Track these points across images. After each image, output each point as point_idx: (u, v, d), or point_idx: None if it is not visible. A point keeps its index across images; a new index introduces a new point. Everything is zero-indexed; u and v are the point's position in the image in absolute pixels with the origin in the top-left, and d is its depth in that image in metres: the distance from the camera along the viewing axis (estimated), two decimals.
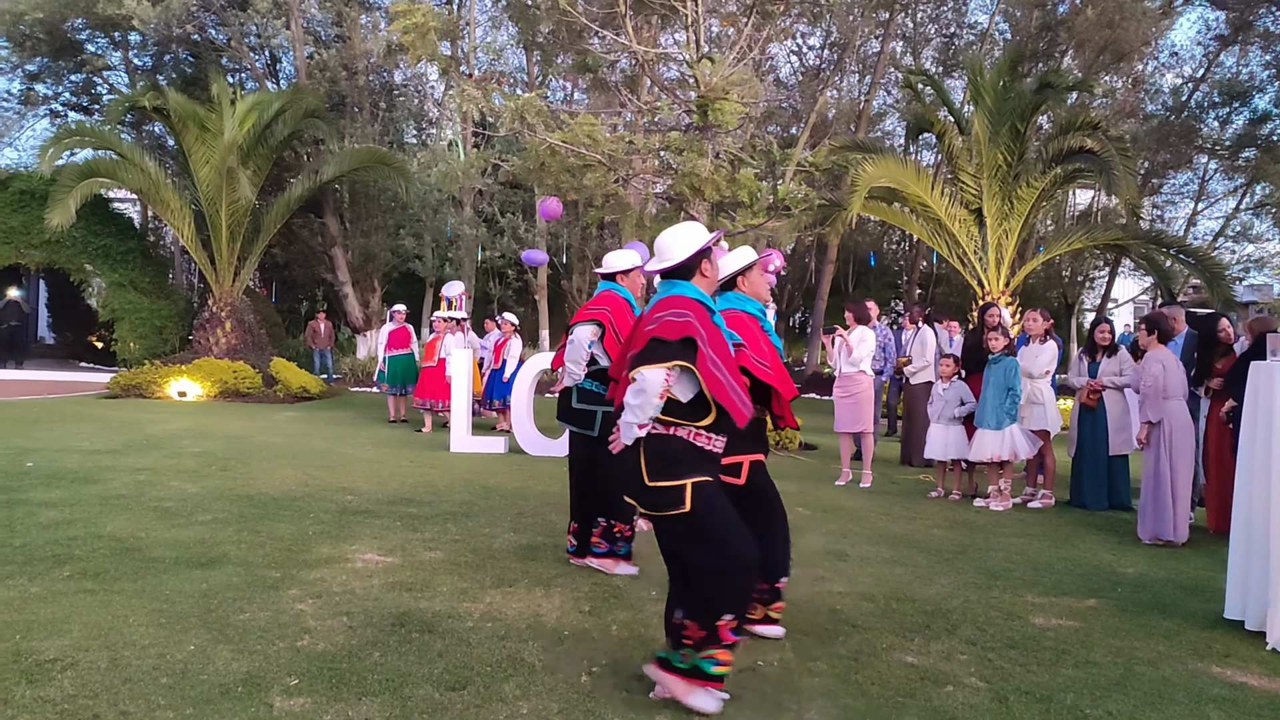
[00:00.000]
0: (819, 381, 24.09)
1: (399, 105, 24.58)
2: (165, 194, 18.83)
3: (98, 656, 3.88)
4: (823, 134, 24.27)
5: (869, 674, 3.96)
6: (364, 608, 4.65)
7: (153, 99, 18.42)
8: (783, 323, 35.12)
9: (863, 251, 31.07)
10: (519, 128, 11.00)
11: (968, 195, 16.89)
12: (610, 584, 5.21)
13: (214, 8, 21.16)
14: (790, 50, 27.93)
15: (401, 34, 11.34)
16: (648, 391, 3.49)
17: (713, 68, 11.82)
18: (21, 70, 23.99)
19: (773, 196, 11.86)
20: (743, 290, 4.62)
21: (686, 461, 3.58)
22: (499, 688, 3.71)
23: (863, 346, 9.15)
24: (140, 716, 3.35)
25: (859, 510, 7.87)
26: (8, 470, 8.18)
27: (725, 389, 3.55)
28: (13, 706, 3.38)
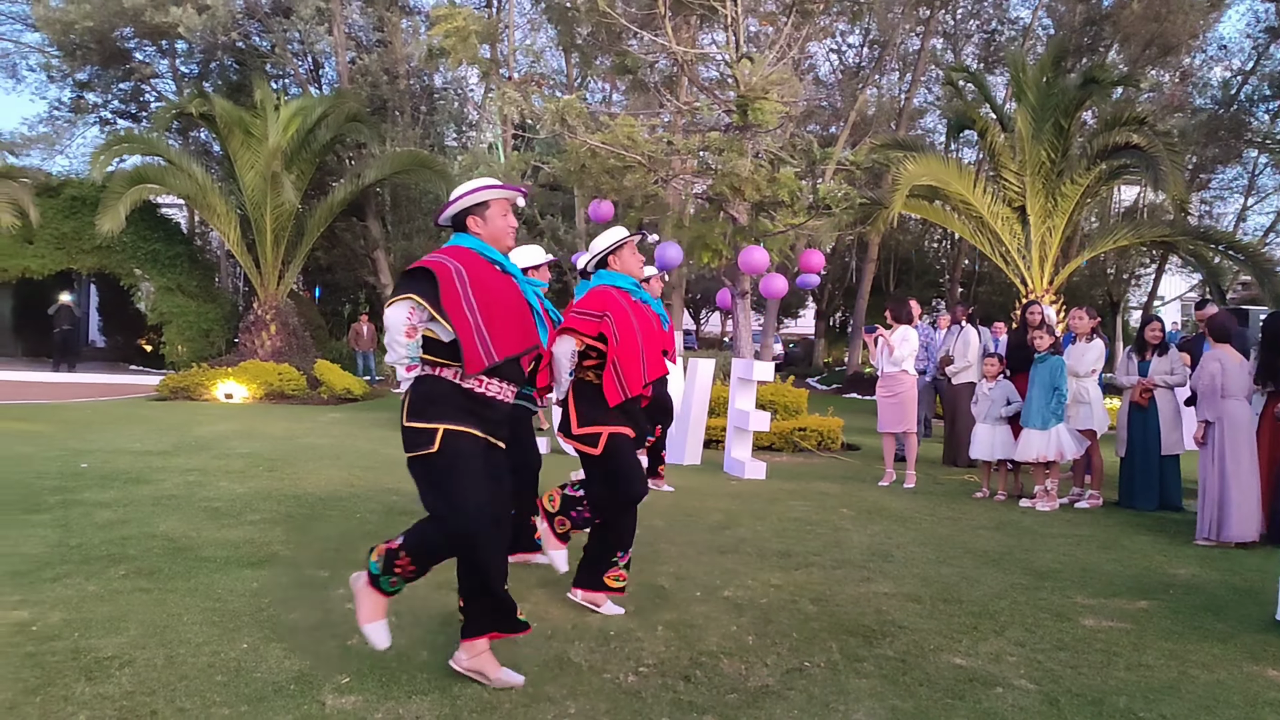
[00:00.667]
0: (860, 381, 23.97)
1: (439, 109, 24.78)
2: (211, 199, 19.13)
3: (154, 654, 3.95)
4: (863, 132, 24.15)
5: (917, 675, 3.94)
6: (411, 607, 4.69)
7: (199, 106, 18.73)
8: (823, 322, 35.02)
9: (904, 250, 30.91)
10: (560, 130, 11.04)
11: (1010, 193, 16.73)
12: (655, 584, 5.22)
13: (258, 15, 21.45)
14: (829, 49, 27.82)
15: (443, 38, 11.44)
16: (390, 329, 3.50)
17: (752, 67, 11.79)
18: (72, 79, 24.50)
19: (813, 195, 11.81)
20: (614, 268, 4.83)
21: (445, 406, 3.56)
22: (546, 688, 3.73)
23: (905, 346, 9.09)
24: (196, 713, 3.41)
25: (903, 511, 7.82)
26: (63, 471, 8.34)
27: (470, 329, 3.49)
28: (73, 703, 3.45)
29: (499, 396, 3.66)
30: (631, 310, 4.66)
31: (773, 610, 4.81)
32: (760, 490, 8.70)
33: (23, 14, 23.48)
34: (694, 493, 8.38)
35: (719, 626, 4.52)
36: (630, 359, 4.54)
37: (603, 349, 4.50)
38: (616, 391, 4.50)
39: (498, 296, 3.63)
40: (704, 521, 7.10)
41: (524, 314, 3.73)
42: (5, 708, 3.38)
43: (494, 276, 3.68)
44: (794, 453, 11.53)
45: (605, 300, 4.58)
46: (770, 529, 6.89)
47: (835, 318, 38.10)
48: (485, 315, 3.54)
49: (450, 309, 3.47)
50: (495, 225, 3.77)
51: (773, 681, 3.84)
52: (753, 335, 13.15)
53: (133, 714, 3.38)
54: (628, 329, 4.55)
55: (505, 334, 3.59)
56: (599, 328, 4.46)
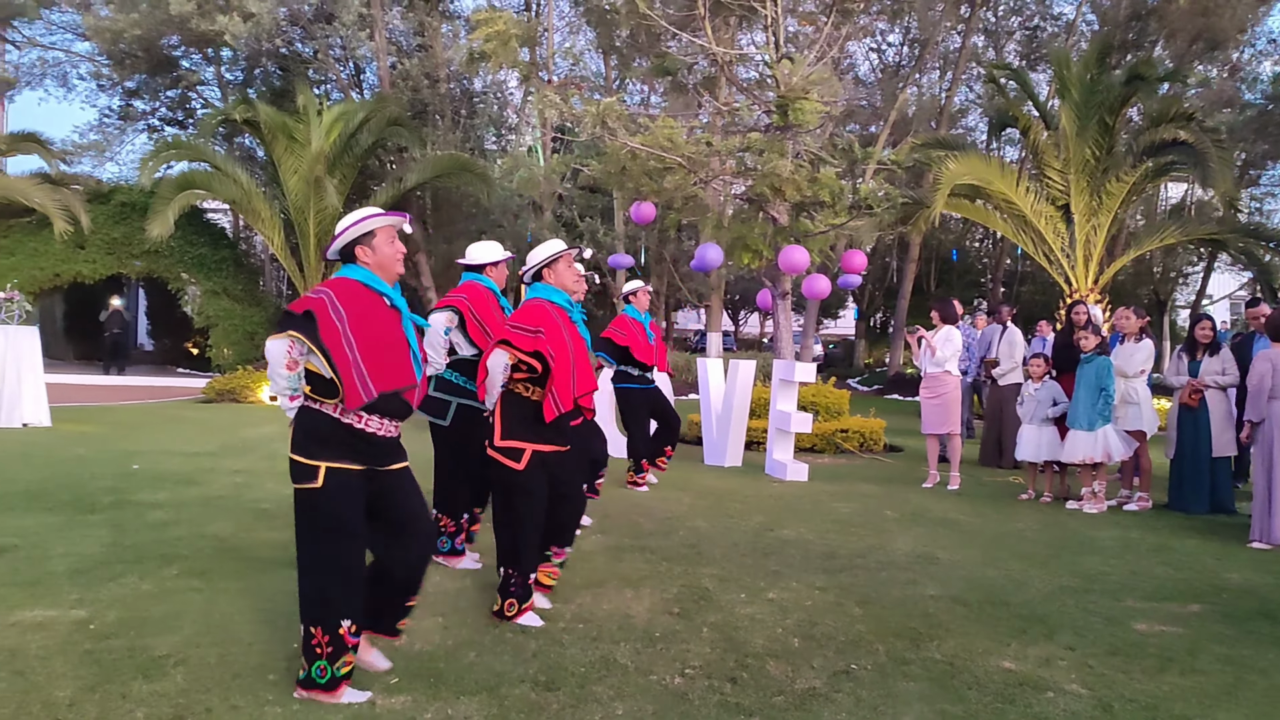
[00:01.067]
0: (901, 382, 23.79)
1: (479, 112, 24.93)
2: (256, 203, 19.39)
3: (207, 652, 4.01)
4: (903, 131, 23.97)
5: (966, 678, 3.91)
6: (458, 608, 4.74)
7: (244, 112, 19.00)
8: (863, 322, 34.79)
9: (945, 250, 30.60)
10: (600, 132, 11.06)
11: (1054, 191, 16.54)
12: (700, 586, 5.22)
13: (301, 22, 21.70)
14: (869, 48, 27.66)
15: (484, 42, 11.49)
16: (271, 362, 3.60)
17: (792, 67, 11.75)
18: (121, 87, 24.91)
19: (854, 195, 11.74)
20: (549, 281, 4.79)
21: (326, 442, 3.61)
22: (593, 688, 3.74)
23: (948, 346, 9.02)
24: (250, 711, 3.46)
25: (947, 513, 7.76)
26: (116, 472, 8.50)
27: (349, 366, 3.54)
28: (130, 700, 3.52)
29: (380, 432, 3.70)
30: (564, 326, 4.68)
31: (818, 612, 4.79)
32: (802, 492, 8.67)
33: (73, 24, 23.92)
34: (736, 495, 8.37)
35: (764, 628, 4.52)
36: (562, 376, 4.56)
37: (535, 365, 4.51)
38: (552, 408, 4.53)
39: (378, 332, 3.67)
40: (746, 524, 7.08)
41: (402, 349, 3.75)
42: (65, 705, 3.46)
43: (377, 311, 3.72)
44: (836, 454, 11.47)
45: (541, 316, 4.59)
46: (813, 531, 6.86)
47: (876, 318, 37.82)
48: (364, 351, 3.59)
49: (330, 346, 3.53)
50: (383, 254, 3.80)
51: (820, 684, 3.83)
52: (793, 336, 13.10)
53: (188, 711, 3.44)
54: (560, 346, 4.57)
55: (383, 370, 3.64)
56: (535, 344, 4.48)
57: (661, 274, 25.90)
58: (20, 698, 3.50)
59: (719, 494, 8.38)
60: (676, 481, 9.00)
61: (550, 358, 4.48)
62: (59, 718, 3.36)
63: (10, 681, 3.65)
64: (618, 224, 22.43)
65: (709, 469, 10.07)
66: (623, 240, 22.51)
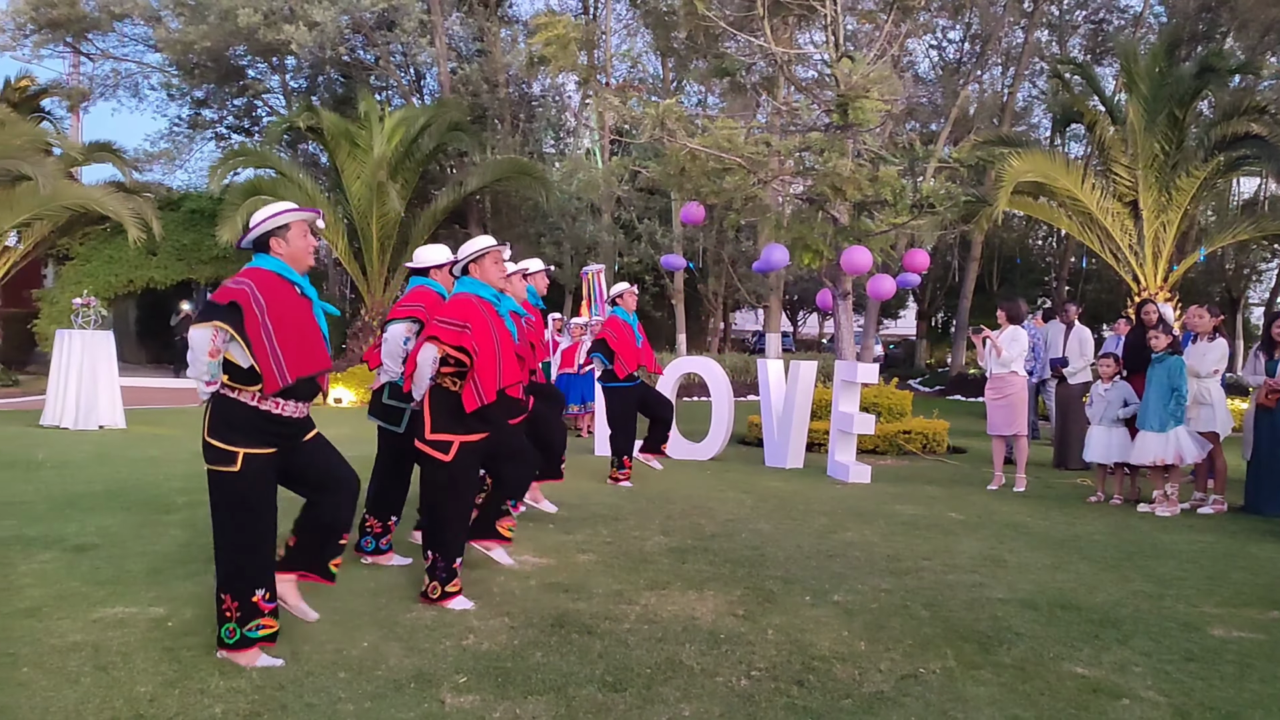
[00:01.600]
0: (964, 383, 23.49)
1: (538, 116, 25.10)
2: (321, 209, 19.70)
3: (281, 650, 4.09)
4: (964, 129, 23.67)
5: (1037, 684, 3.85)
6: (523, 608, 4.77)
7: (308, 119, 19.34)
8: (924, 322, 34.40)
9: (1008, 248, 30.16)
10: (659, 134, 11.07)
11: (1121, 187, 16.23)
12: (764, 588, 5.20)
13: (363, 30, 22.04)
14: (929, 45, 27.35)
15: (543, 46, 11.56)
16: (194, 349, 3.82)
17: (852, 66, 11.65)
18: (190, 96, 25.54)
19: (916, 194, 11.62)
20: (475, 275, 4.99)
21: (244, 428, 3.89)
22: (659, 690, 3.75)
23: (1014, 346, 8.89)
24: (324, 708, 3.53)
25: (1014, 515, 7.64)
26: (188, 473, 8.69)
27: (267, 355, 3.81)
28: (209, 696, 3.61)
29: (293, 415, 4.01)
30: (491, 319, 4.86)
31: (884, 615, 4.75)
32: (865, 494, 8.60)
33: (145, 36, 24.54)
34: (798, 497, 8.33)
35: (830, 631, 4.49)
36: (487, 367, 4.75)
37: (463, 359, 4.72)
38: (474, 398, 4.73)
39: (293, 321, 3.94)
40: (809, 526, 7.04)
41: (315, 336, 4.05)
42: (147, 700, 3.56)
43: (291, 300, 3.98)
44: (898, 456, 11.36)
45: (467, 311, 4.78)
46: (877, 533, 6.81)
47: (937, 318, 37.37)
48: (281, 340, 3.85)
49: (251, 337, 3.79)
50: (296, 246, 4.05)
51: (887, 688, 3.80)
52: (854, 337, 13.00)
53: (264, 707, 3.52)
54: (486, 339, 4.76)
55: (299, 356, 3.92)
56: (460, 339, 4.69)
57: (719, 275, 25.85)
58: (104, 692, 3.61)
59: (781, 496, 8.34)
60: (738, 483, 8.98)
61: (475, 352, 4.70)
62: (141, 712, 3.45)
63: (94, 676, 3.76)
64: (675, 225, 22.44)
65: (770, 471, 10.04)
66: (680, 241, 22.54)
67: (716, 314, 28.43)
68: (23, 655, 3.98)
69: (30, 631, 4.27)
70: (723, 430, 10.70)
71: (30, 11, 22.70)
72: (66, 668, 3.85)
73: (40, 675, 3.77)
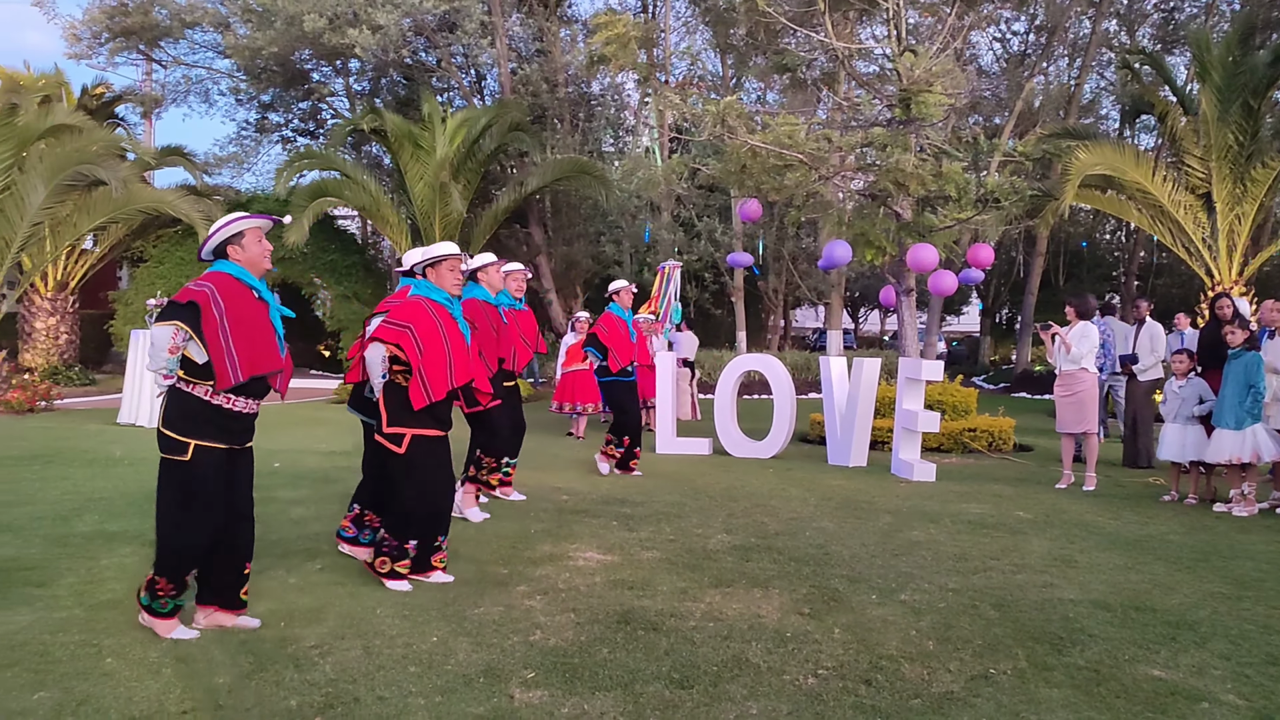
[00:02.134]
0: (1029, 380, 23.10)
1: (597, 115, 25.16)
2: (384, 210, 19.99)
3: (352, 644, 4.17)
4: (1029, 122, 23.26)
5: (1112, 686, 3.78)
6: (589, 605, 4.80)
7: (371, 121, 19.62)
8: (988, 318, 33.88)
9: (1074, 243, 29.55)
10: (720, 131, 11.05)
11: (1194, 179, 15.82)
12: (829, 586, 5.18)
13: (425, 32, 22.27)
14: (993, 37, 26.91)
15: (603, 45, 11.61)
16: (155, 343, 4.06)
17: (915, 60, 11.53)
18: (257, 101, 26.00)
19: (981, 189, 11.46)
20: (430, 279, 5.32)
21: (196, 421, 4.13)
22: (726, 687, 3.75)
23: (1084, 343, 8.72)
24: (395, 702, 3.58)
25: (1084, 514, 7.50)
26: (258, 470, 8.81)
27: (222, 353, 4.05)
28: (284, 688, 3.69)
29: (245, 410, 4.27)
30: (441, 321, 5.15)
31: (952, 615, 4.70)
32: (930, 492, 8.50)
33: (214, 43, 25.04)
34: (862, 495, 8.26)
35: (897, 630, 4.45)
36: (435, 366, 5.04)
37: (403, 357, 5.00)
38: (421, 396, 5.00)
39: (249, 322, 4.20)
40: (874, 524, 6.99)
41: (269, 337, 4.30)
42: (225, 691, 3.65)
43: (247, 302, 4.24)
44: (963, 454, 11.21)
45: (413, 312, 5.10)
46: (944, 532, 6.73)
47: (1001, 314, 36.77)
48: (236, 339, 4.11)
49: (208, 335, 4.05)
50: (251, 252, 4.32)
51: (957, 688, 3.76)
52: (917, 333, 12.84)
53: (338, 700, 3.59)
54: (432, 339, 5.05)
55: (252, 356, 4.18)
56: (399, 337, 4.98)
57: (780, 271, 25.71)
58: (184, 683, 3.71)
59: (845, 494, 8.28)
60: (801, 481, 8.94)
61: (419, 350, 4.98)
62: (220, 703, 3.54)
63: (175, 668, 3.87)
64: (735, 223, 22.35)
65: (833, 469, 9.97)
66: (741, 239, 22.44)
67: (776, 311, 28.24)
68: (106, 646, 4.10)
69: (113, 623, 4.40)
70: (785, 428, 10.65)
71: (106, 21, 23.30)
72: (148, 659, 3.96)
73: (124, 666, 3.88)
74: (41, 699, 3.54)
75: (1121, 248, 31.65)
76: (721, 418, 10.98)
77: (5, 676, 3.74)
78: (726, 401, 11.05)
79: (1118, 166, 15.57)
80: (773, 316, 28.86)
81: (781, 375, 10.83)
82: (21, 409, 14.55)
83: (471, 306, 6.57)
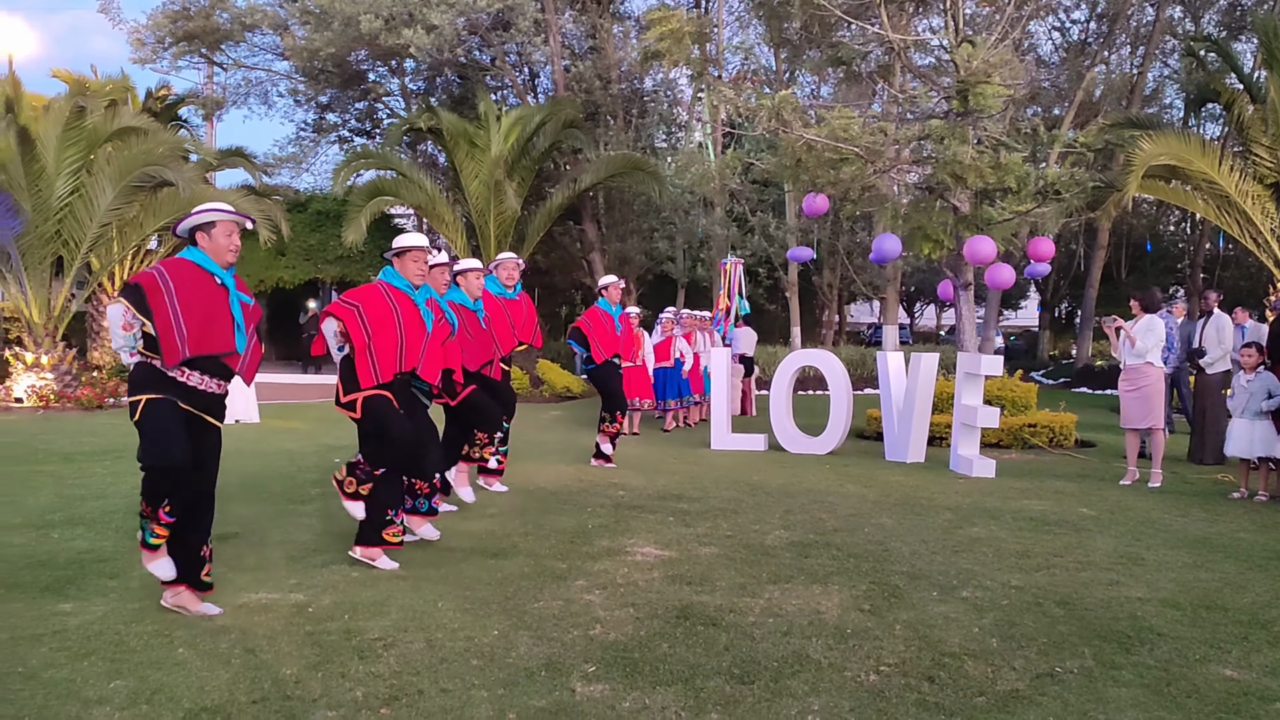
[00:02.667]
0: (1090, 375, 22.71)
1: (650, 111, 25.16)
2: (440, 208, 20.17)
3: (415, 637, 4.22)
4: (1089, 113, 22.83)
5: (1183, 686, 3.70)
6: (648, 599, 4.82)
7: (427, 120, 19.80)
8: (1047, 313, 33.35)
9: (1137, 235, 28.94)
10: (775, 125, 10.99)
11: (1262, 169, 15.39)
12: (889, 583, 5.14)
13: (480, 31, 22.43)
14: (1052, 26, 26.46)
15: (657, 40, 11.61)
16: (110, 323, 4.31)
17: (972, 51, 11.36)
18: (315, 101, 26.38)
19: (1042, 180, 11.26)
20: (396, 268, 5.55)
21: (147, 384, 4.34)
22: (787, 683, 3.74)
23: (1149, 336, 8.55)
24: (458, 694, 3.62)
25: (1150, 511, 7.36)
26: (320, 465, 9.04)
27: (169, 329, 4.23)
28: (350, 680, 3.74)
29: (200, 386, 4.42)
30: (398, 306, 5.38)
31: (1015, 612, 4.64)
32: (990, 488, 8.39)
33: (273, 45, 25.47)
34: (921, 491, 8.18)
35: (959, 627, 4.41)
36: (384, 348, 5.27)
37: (343, 336, 5.25)
38: (369, 375, 5.25)
39: (201, 304, 4.36)
40: (934, 520, 6.92)
41: (224, 321, 4.45)
42: (292, 681, 3.71)
43: (204, 287, 4.41)
44: (1023, 450, 11.05)
45: (365, 294, 5.37)
46: (1005, 528, 6.64)
47: (1060, 308, 36.16)
48: (186, 318, 4.28)
49: (155, 313, 4.24)
50: (218, 243, 4.49)
51: (1023, 686, 3.71)
52: (975, 328, 12.67)
53: (402, 692, 3.63)
54: (383, 322, 5.28)
55: (200, 336, 4.33)
56: (345, 315, 5.22)
57: (835, 266, 25.53)
58: (253, 674, 3.78)
59: (903, 490, 8.21)
60: (858, 477, 8.88)
61: (365, 329, 5.20)
62: (288, 694, 3.60)
63: (243, 658, 3.95)
64: (789, 217, 22.23)
65: (891, 465, 9.88)
66: (795, 234, 22.32)
67: (831, 306, 28.06)
68: (178, 637, 4.20)
69: (183, 615, 4.50)
70: (841, 424, 10.58)
71: (169, 25, 23.78)
72: (218, 649, 4.05)
73: (194, 656, 3.97)
74: (117, 687, 3.64)
75: (1186, 239, 30.95)
76: (777, 413, 10.94)
77: (83, 666, 3.85)
78: (782, 397, 11.00)
79: (1182, 156, 15.21)
80: (827, 311, 28.66)
81: (838, 370, 10.76)
82: (91, 405, 14.94)
83: (454, 307, 6.76)
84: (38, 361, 15.64)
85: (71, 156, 15.57)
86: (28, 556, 5.65)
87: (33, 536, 6.19)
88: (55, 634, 4.23)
